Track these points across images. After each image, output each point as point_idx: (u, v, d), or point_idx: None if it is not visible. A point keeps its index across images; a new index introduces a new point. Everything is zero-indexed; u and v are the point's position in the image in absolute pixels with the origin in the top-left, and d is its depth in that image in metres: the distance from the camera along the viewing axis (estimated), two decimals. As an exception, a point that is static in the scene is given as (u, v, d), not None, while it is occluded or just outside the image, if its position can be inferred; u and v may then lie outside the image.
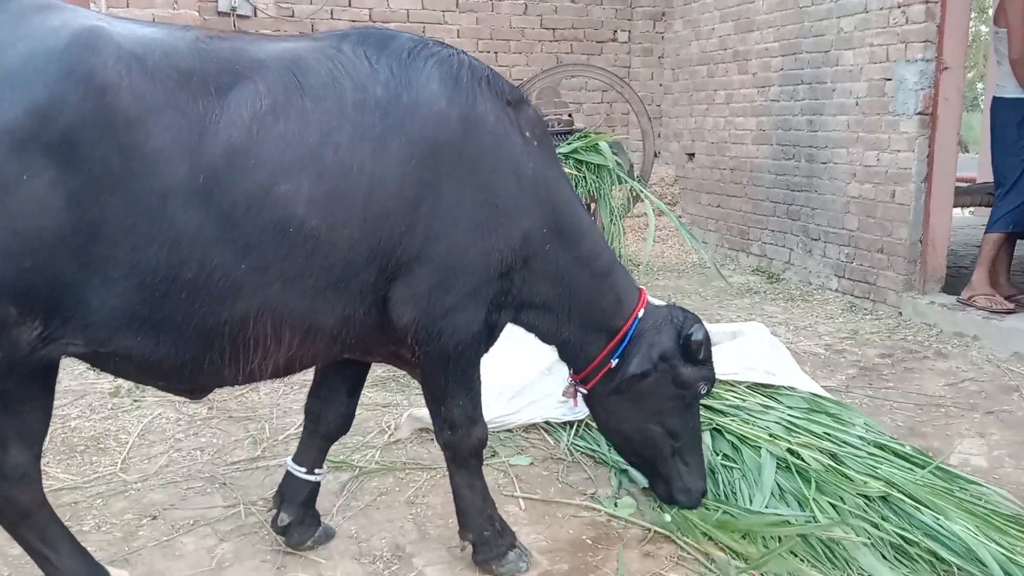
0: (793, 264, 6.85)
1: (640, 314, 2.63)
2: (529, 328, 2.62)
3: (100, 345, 1.98)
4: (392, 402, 3.99)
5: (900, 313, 5.71)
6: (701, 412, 2.86)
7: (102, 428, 3.70)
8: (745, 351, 3.68)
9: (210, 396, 4.01)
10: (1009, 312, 5.15)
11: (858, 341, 5.22)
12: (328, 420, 2.68)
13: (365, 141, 2.13)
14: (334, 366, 2.61)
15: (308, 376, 4.39)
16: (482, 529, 2.55)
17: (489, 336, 2.48)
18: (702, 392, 2.69)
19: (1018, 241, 5.59)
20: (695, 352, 2.60)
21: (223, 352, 2.10)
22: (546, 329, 2.61)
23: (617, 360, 2.59)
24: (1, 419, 2.09)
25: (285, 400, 4.07)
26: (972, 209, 8.68)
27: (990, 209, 5.58)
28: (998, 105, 5.38)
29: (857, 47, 5.93)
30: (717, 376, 2.75)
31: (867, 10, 5.82)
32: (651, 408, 2.64)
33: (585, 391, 2.70)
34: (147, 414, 3.86)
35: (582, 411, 3.50)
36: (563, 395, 2.95)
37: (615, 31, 8.46)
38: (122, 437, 3.61)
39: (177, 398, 4.03)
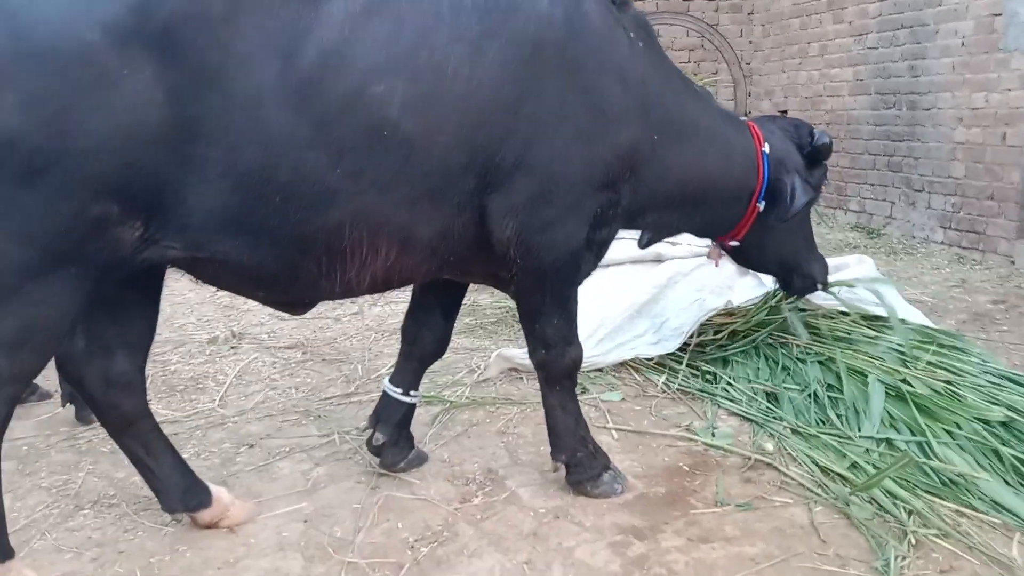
0: (895, 218, 6.54)
1: (766, 150, 2.68)
2: (654, 229, 2.64)
3: (198, 249, 1.98)
4: (480, 347, 3.97)
5: (1012, 262, 5.37)
6: (810, 345, 2.89)
7: (201, 371, 3.79)
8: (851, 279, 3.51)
9: (305, 341, 4.14)
10: None
11: (967, 289, 4.95)
12: (424, 343, 2.67)
13: (461, 42, 2.07)
14: (431, 288, 2.59)
15: (400, 321, 4.45)
16: (575, 450, 2.50)
17: (595, 254, 2.41)
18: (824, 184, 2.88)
19: None
20: (825, 156, 2.79)
21: (319, 261, 2.08)
22: (675, 225, 2.68)
23: (763, 203, 2.69)
24: (107, 327, 2.16)
25: (376, 345, 4.10)
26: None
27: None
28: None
29: (963, -18, 5.60)
30: (823, 308, 2.76)
31: (974, -59, 5.48)
32: (795, 223, 2.81)
33: (736, 243, 2.82)
34: (243, 358, 3.94)
35: (673, 344, 3.42)
36: (708, 258, 3.20)
37: (703, -13, 8.24)
38: (220, 378, 3.69)
39: (274, 344, 4.15)
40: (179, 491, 2.32)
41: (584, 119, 2.22)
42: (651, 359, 3.51)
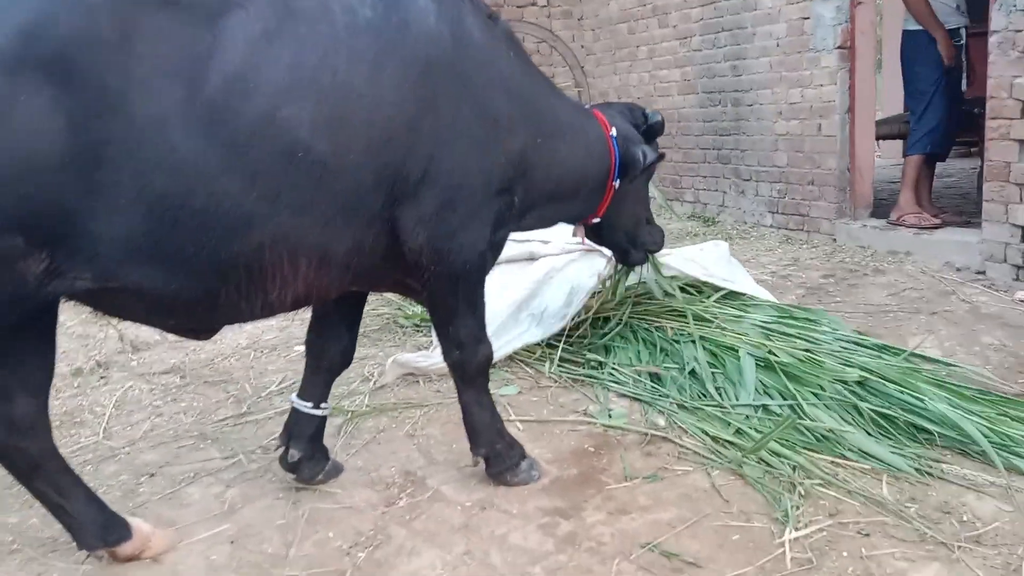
0: (727, 206, 7.10)
1: (613, 134, 2.93)
2: (537, 224, 2.81)
3: (109, 279, 1.92)
4: (368, 355, 3.99)
5: (835, 239, 6.00)
6: (683, 327, 3.25)
7: (74, 404, 3.60)
8: (705, 263, 3.84)
9: (181, 365, 4.01)
10: (936, 227, 5.48)
11: (800, 266, 5.47)
12: (331, 354, 2.69)
13: (361, 64, 2.12)
14: (333, 301, 2.63)
15: (280, 337, 4.38)
16: (493, 443, 2.61)
17: (494, 254, 2.55)
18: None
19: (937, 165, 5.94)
20: (659, 132, 3.11)
21: (239, 284, 2.08)
22: (553, 217, 2.86)
23: (619, 181, 2.94)
24: (4, 369, 2.06)
25: (258, 363, 4.03)
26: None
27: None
28: (905, 37, 5.69)
29: (774, -10, 6.17)
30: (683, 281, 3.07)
31: (782, -47, 6.06)
32: (637, 193, 3.15)
33: (597, 220, 3.05)
34: (117, 387, 3.76)
35: (556, 326, 3.62)
36: (573, 235, 3.36)
37: (535, -6, 8.55)
38: (97, 410, 3.52)
39: (146, 370, 3.99)
40: (97, 527, 2.24)
41: (478, 131, 2.36)
42: (539, 345, 3.68)
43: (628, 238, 3.26)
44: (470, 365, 2.56)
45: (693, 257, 3.94)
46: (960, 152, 8.85)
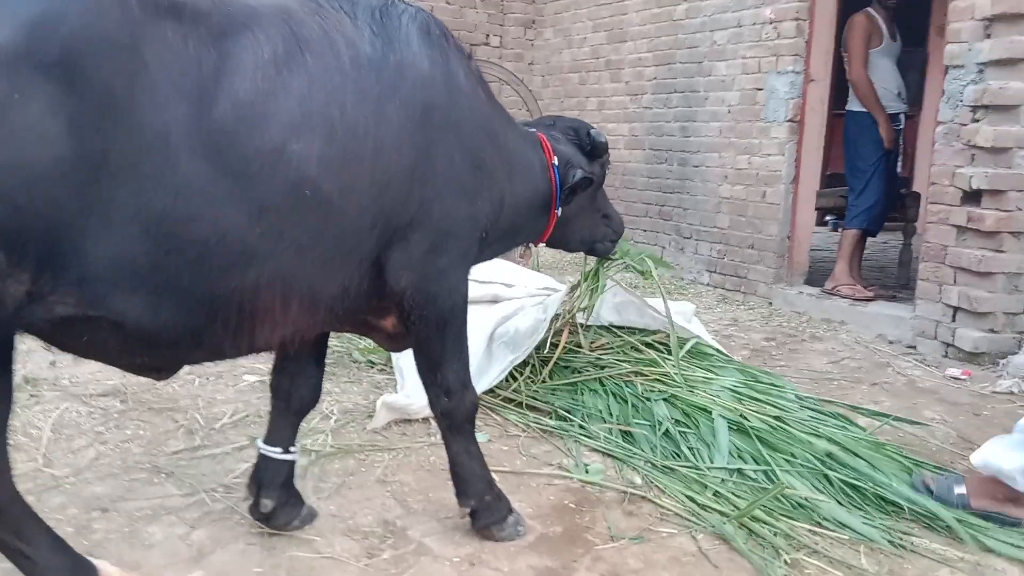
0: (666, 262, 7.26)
1: (555, 163, 2.88)
2: (488, 258, 2.83)
3: (93, 306, 1.76)
4: (325, 391, 3.84)
5: (771, 303, 6.21)
6: (652, 384, 3.36)
7: (4, 424, 3.32)
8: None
9: (120, 388, 3.78)
10: (869, 300, 5.74)
11: (740, 327, 5.63)
12: (300, 394, 2.60)
13: (366, 102, 2.08)
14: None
15: (223, 365, 4.17)
16: (483, 494, 2.55)
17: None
18: (607, 168, 3.20)
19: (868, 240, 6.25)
20: (601, 151, 3.08)
21: (228, 323, 1.96)
22: (501, 250, 2.87)
23: (561, 209, 2.93)
24: None
25: (204, 391, 3.84)
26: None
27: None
28: (849, 117, 6.01)
29: (730, 59, 6.41)
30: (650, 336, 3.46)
31: (740, 25, 6.31)
32: (587, 205, 3.12)
33: (541, 243, 3.07)
34: (52, 408, 3.51)
35: (530, 343, 3.65)
36: (520, 258, 3.32)
37: (487, 35, 8.62)
38: (32, 432, 3.27)
39: (81, 391, 3.74)
40: (63, 573, 2.05)
41: (467, 177, 2.36)
42: (501, 390, 3.65)
43: (586, 242, 3.29)
44: (459, 412, 2.50)
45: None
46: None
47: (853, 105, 5.92)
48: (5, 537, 1.98)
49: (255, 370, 4.05)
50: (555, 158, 2.87)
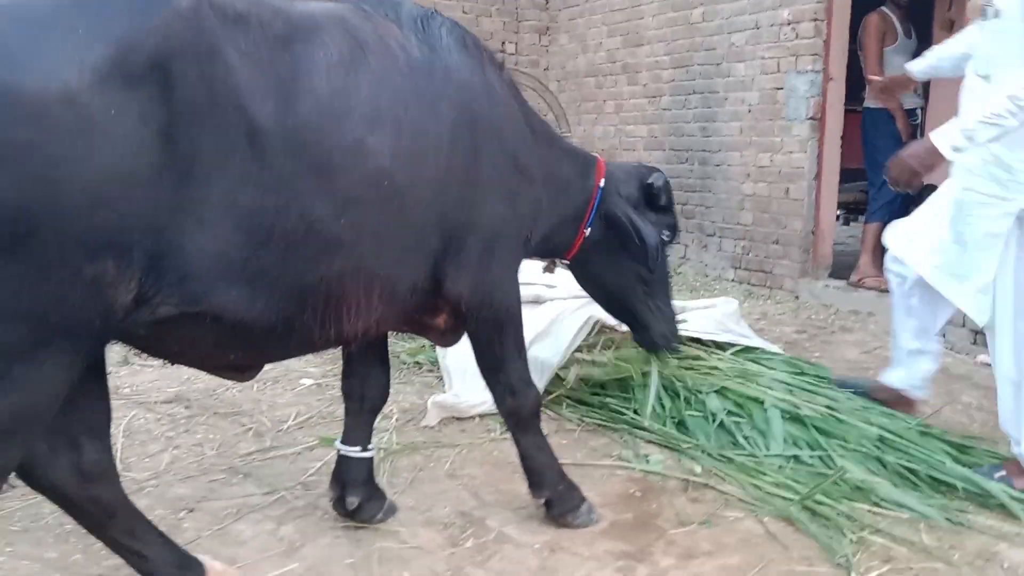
0: (689, 259, 7.37)
1: (602, 184, 2.89)
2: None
3: (194, 303, 1.82)
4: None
5: (797, 297, 6.31)
6: (703, 377, 3.30)
7: (78, 433, 3.44)
8: (717, 318, 4.01)
9: (182, 394, 3.89)
10: (895, 291, 5.84)
11: (770, 321, 5.73)
12: (372, 394, 2.71)
13: (423, 102, 2.18)
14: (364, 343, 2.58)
15: (279, 368, 4.26)
16: (556, 484, 2.66)
17: None
18: (665, 238, 3.00)
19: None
20: (656, 197, 2.95)
21: (317, 311, 2.05)
22: (534, 252, 2.87)
23: (590, 228, 2.89)
24: (64, 415, 1.85)
25: (264, 396, 3.95)
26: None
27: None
28: (867, 114, 6.12)
29: (748, 60, 6.52)
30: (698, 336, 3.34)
31: (758, 27, 6.42)
32: (622, 258, 2.94)
33: (566, 261, 3.00)
34: (120, 416, 3.61)
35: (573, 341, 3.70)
36: (543, 271, 3.27)
37: (503, 42, 8.74)
38: (107, 440, 3.38)
39: (145, 399, 3.86)
40: (174, 569, 2.16)
41: (511, 181, 2.48)
42: (553, 391, 3.75)
43: (613, 303, 3.15)
44: (524, 409, 2.62)
45: (708, 312, 4.09)
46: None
47: (870, 102, 6.02)
48: (119, 537, 2.09)
49: (310, 374, 4.17)
50: (602, 180, 2.90)
